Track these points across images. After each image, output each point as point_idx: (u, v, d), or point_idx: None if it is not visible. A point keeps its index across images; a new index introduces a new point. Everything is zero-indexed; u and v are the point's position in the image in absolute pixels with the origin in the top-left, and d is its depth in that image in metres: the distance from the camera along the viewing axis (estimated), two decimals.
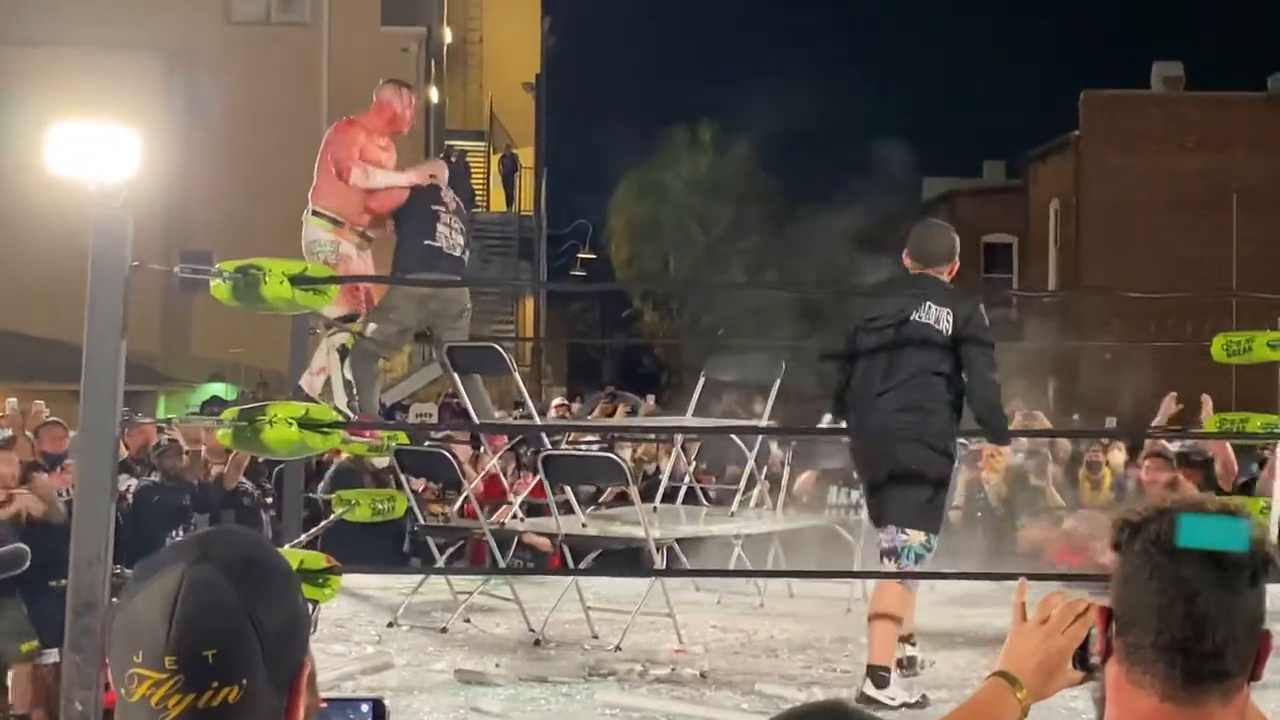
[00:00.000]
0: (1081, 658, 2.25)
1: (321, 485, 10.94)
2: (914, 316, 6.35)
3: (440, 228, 8.61)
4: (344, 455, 10.46)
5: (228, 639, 1.69)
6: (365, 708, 2.10)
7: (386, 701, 2.13)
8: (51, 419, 11.93)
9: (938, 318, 6.32)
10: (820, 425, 8.18)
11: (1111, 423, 17.82)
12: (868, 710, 1.58)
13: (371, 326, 8.52)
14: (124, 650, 1.70)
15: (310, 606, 1.86)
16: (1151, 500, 2.12)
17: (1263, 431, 8.10)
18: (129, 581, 1.77)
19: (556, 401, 16.88)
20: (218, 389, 21.57)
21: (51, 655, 8.69)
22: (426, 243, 8.54)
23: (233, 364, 23.53)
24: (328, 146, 8.79)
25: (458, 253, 8.72)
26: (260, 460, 10.49)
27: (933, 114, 69.60)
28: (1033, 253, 37.84)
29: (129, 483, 10.74)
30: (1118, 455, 12.56)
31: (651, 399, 22.86)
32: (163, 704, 1.68)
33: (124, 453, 10.76)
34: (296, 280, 5.77)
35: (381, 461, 9.58)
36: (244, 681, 1.69)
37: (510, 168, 34.04)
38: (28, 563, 8.93)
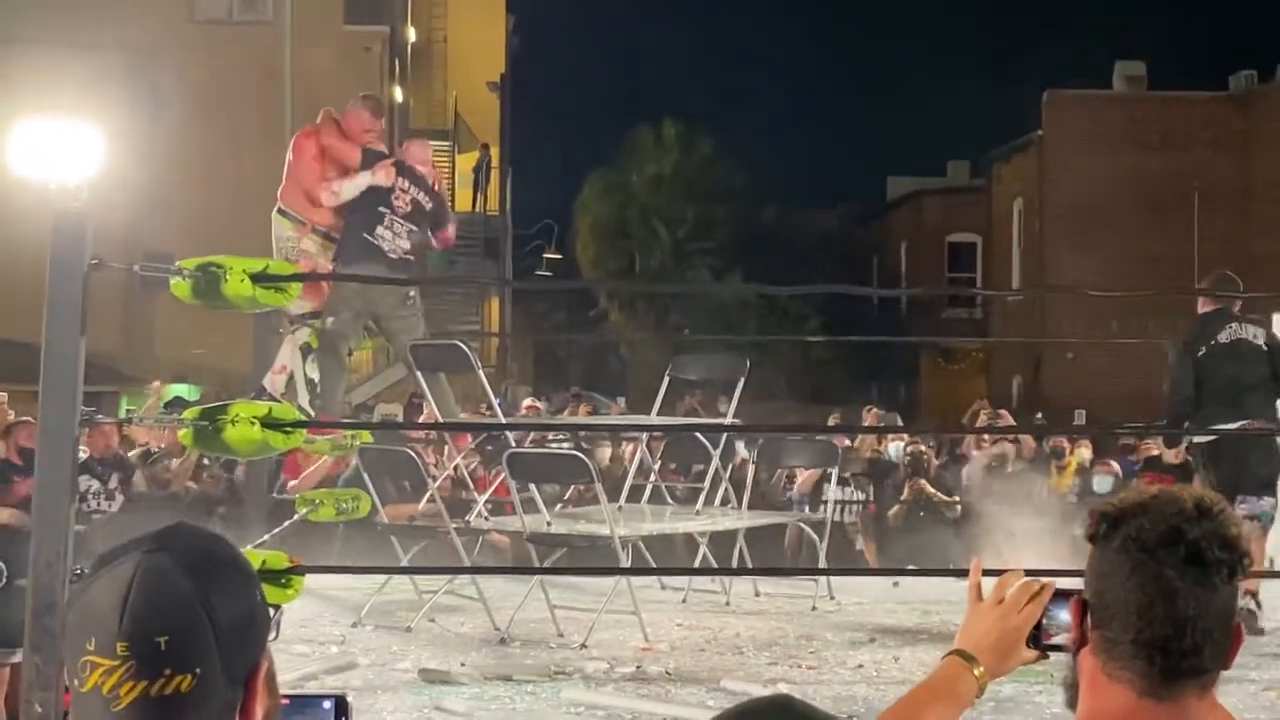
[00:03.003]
0: (1036, 637, 2.27)
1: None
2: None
3: (382, 230, 8.71)
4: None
5: (181, 626, 1.68)
6: (328, 704, 2.08)
7: (350, 698, 2.11)
8: (24, 418, 11.86)
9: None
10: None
11: (1081, 417, 17.97)
12: (815, 706, 1.58)
13: (329, 319, 8.61)
14: (78, 639, 1.69)
15: (272, 611, 1.84)
16: (1129, 494, 2.12)
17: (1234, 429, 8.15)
18: (86, 574, 1.76)
19: (527, 402, 16.86)
20: (181, 389, 21.44)
21: (14, 656, 8.62)
22: (365, 236, 8.67)
23: (196, 364, 23.42)
24: (292, 165, 8.88)
25: (397, 255, 8.78)
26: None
27: (897, 114, 69.82)
28: (996, 252, 37.99)
29: (90, 484, 10.69)
30: (1084, 452, 12.72)
31: (622, 401, 22.85)
32: (114, 692, 1.66)
33: (85, 453, 10.72)
34: (257, 278, 5.73)
35: None
36: (197, 670, 1.68)
37: (484, 163, 34.03)
38: (3, 579, 8.87)
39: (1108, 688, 2.02)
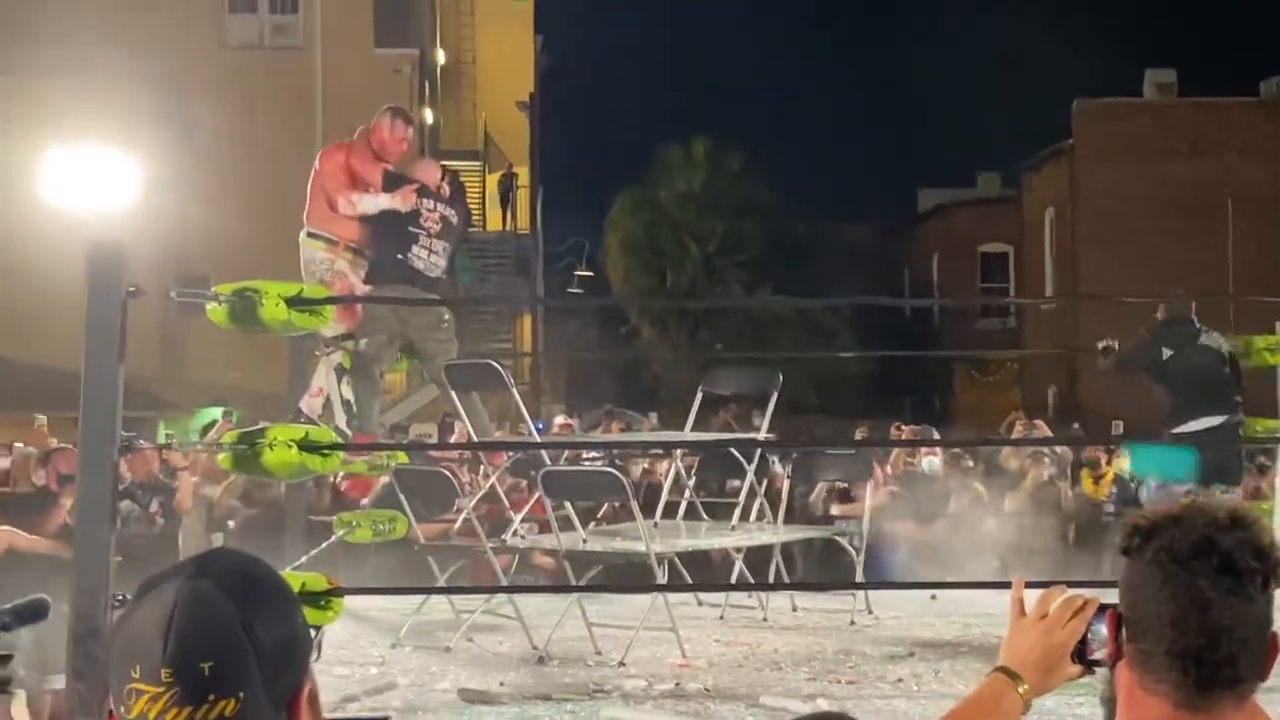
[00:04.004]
0: (1080, 652, 2.26)
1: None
2: None
3: (417, 249, 8.74)
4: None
5: (224, 651, 1.70)
6: None
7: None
8: (63, 444, 11.93)
9: None
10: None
11: (1118, 427, 17.87)
12: None
13: (363, 342, 8.65)
14: (123, 666, 1.71)
15: (313, 631, 1.85)
16: (1162, 506, 2.13)
17: (1263, 435, 8.18)
18: (130, 600, 1.78)
19: (560, 420, 16.87)
20: (217, 413, 21.54)
21: (56, 682, 8.68)
22: (399, 257, 8.68)
23: (231, 388, 23.51)
24: (318, 173, 8.93)
25: (435, 274, 8.82)
26: None
27: (926, 126, 69.64)
28: (1029, 262, 37.87)
29: (131, 509, 10.75)
30: (1123, 461, 12.64)
31: (654, 417, 22.83)
32: (160, 718, 1.68)
33: (126, 478, 10.78)
34: (292, 302, 5.79)
35: None
36: (241, 694, 1.70)
37: (507, 187, 34.11)
38: (49, 614, 8.93)
39: (1144, 701, 2.02)
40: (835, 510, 11.29)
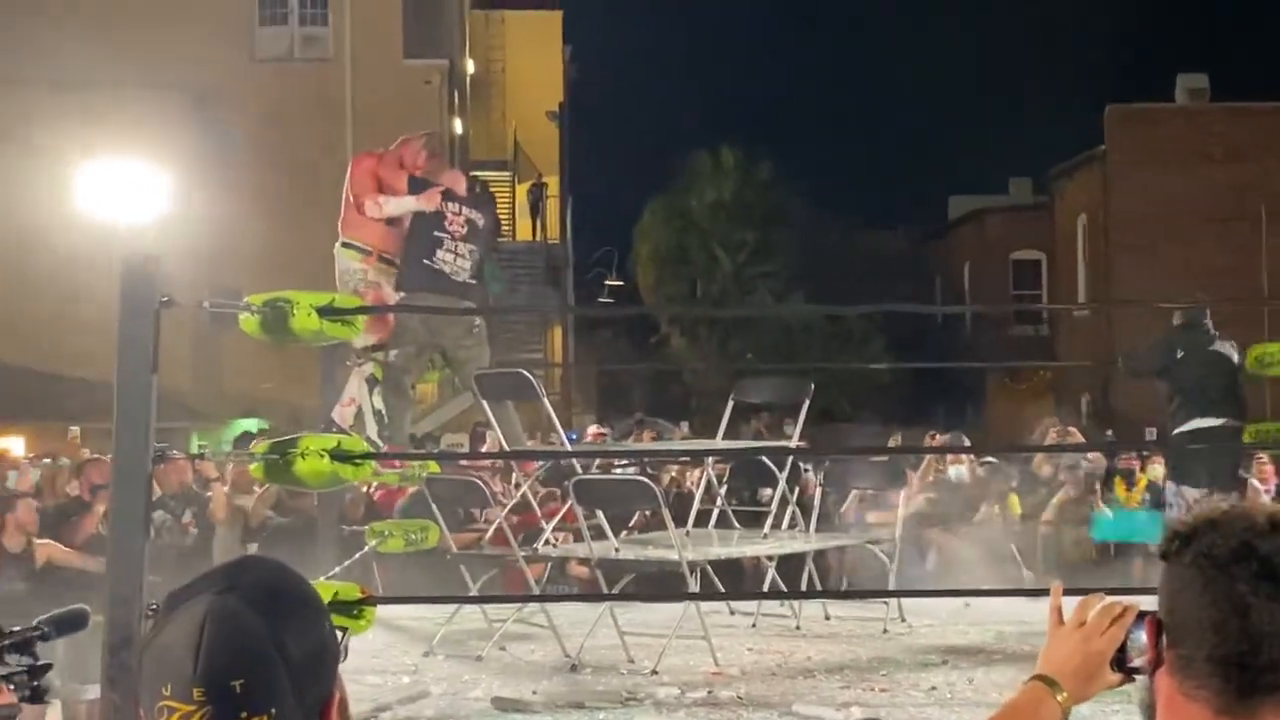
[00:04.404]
0: (1119, 660, 2.24)
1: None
2: None
3: (442, 254, 8.77)
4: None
5: (255, 669, 1.70)
6: None
7: None
8: (96, 455, 12.02)
9: None
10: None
11: (1152, 434, 17.79)
12: None
13: (393, 353, 8.67)
14: (153, 683, 1.71)
15: (340, 634, 1.85)
16: (1201, 510, 2.11)
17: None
18: (158, 614, 1.78)
19: (592, 429, 16.89)
20: (249, 424, 21.64)
21: (91, 692, 8.71)
22: (425, 262, 8.72)
23: (264, 399, 23.62)
24: (351, 179, 9.00)
25: (463, 278, 8.84)
26: None
27: (958, 133, 69.57)
28: (1062, 269, 37.72)
29: (164, 519, 10.80)
30: (1157, 468, 12.58)
31: (685, 426, 22.84)
32: None
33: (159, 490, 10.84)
34: (324, 312, 5.80)
35: None
36: (272, 711, 1.70)
37: (537, 197, 34.19)
38: (89, 623, 8.98)
39: (1185, 707, 2.00)
40: (869, 518, 11.27)
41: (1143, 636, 2.15)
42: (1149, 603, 2.15)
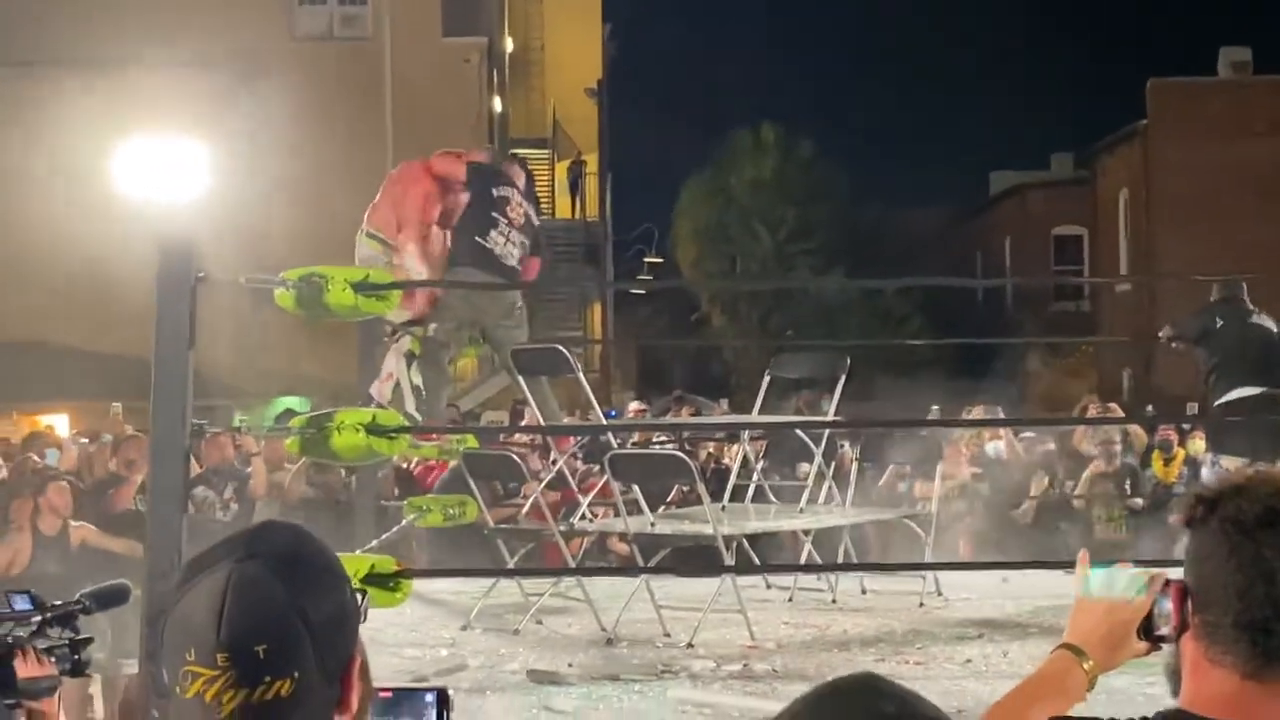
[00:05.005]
0: (1147, 629, 2.24)
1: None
2: None
3: (495, 234, 8.78)
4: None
5: (277, 633, 1.72)
6: (430, 697, 2.13)
7: (451, 691, 2.15)
8: (133, 432, 12.11)
9: None
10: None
11: (1193, 410, 17.68)
12: (903, 686, 1.60)
13: (433, 326, 8.70)
14: (177, 649, 1.73)
15: (359, 597, 1.87)
16: (1227, 477, 2.11)
17: None
18: (179, 580, 1.80)
19: (633, 406, 16.91)
20: (291, 402, 21.76)
21: (131, 666, 8.80)
22: (477, 239, 8.71)
23: (306, 377, 23.73)
24: (396, 186, 8.93)
25: (510, 263, 8.85)
26: None
27: (998, 108, 69.19)
28: (1103, 244, 37.49)
29: (206, 494, 10.88)
30: (1197, 443, 12.51)
31: (725, 403, 22.82)
32: (216, 700, 1.71)
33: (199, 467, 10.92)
34: (358, 287, 5.83)
35: None
36: (295, 675, 1.72)
37: (576, 174, 34.18)
38: (130, 598, 9.08)
39: (1210, 672, 2.00)
40: (908, 491, 11.26)
41: (1169, 605, 2.15)
42: (1177, 573, 2.15)
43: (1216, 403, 9.32)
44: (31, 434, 15.16)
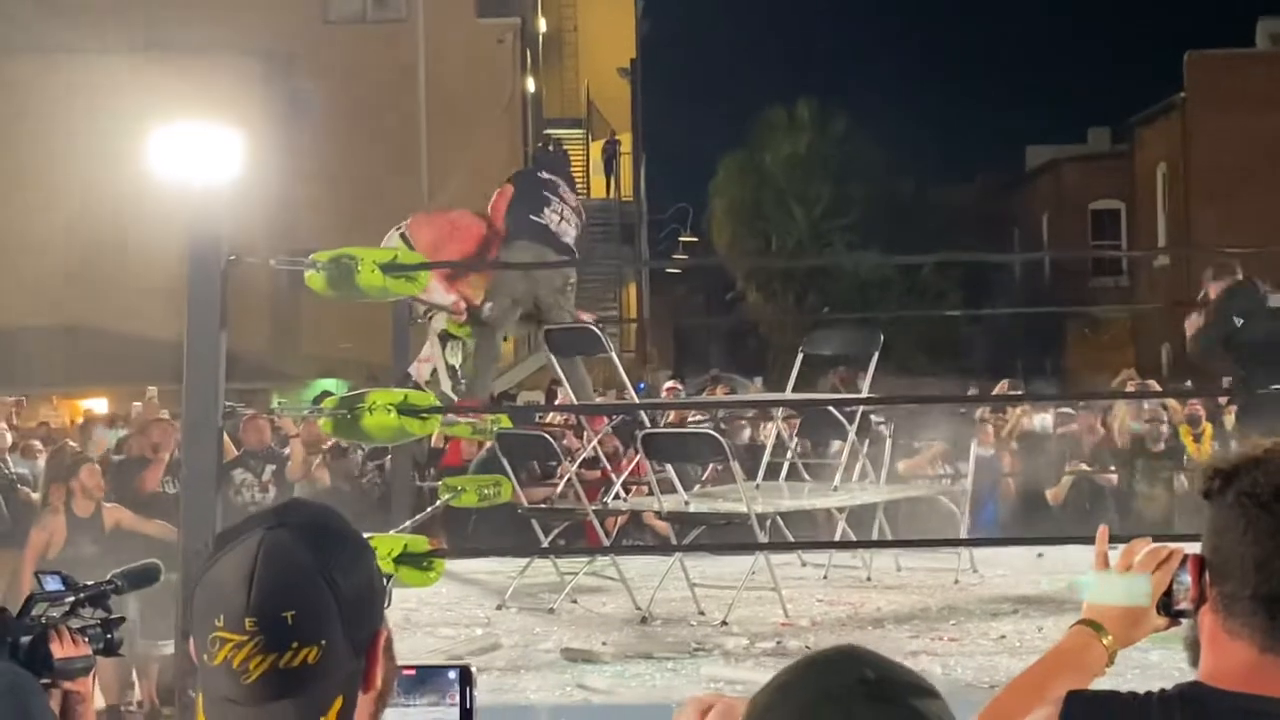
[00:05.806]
0: (1165, 604, 2.24)
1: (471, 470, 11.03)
2: None
3: (549, 212, 8.79)
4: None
5: (306, 600, 1.73)
6: (453, 674, 2.14)
7: (474, 669, 2.16)
8: (163, 415, 12.20)
9: None
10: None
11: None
12: (884, 656, 1.61)
13: (488, 305, 8.71)
14: (206, 615, 1.75)
15: (385, 580, 1.90)
16: (1244, 449, 2.10)
17: None
18: (211, 551, 1.82)
19: (668, 384, 16.93)
20: (329, 384, 21.86)
21: (165, 647, 8.87)
22: (531, 217, 8.71)
23: (343, 359, 23.84)
24: (453, 230, 8.93)
25: (566, 240, 8.87)
26: None
27: (1035, 83, 68.80)
28: (1141, 218, 37.26)
29: (244, 476, 10.96)
30: (1227, 418, 12.40)
31: (759, 381, 22.82)
32: (244, 665, 1.72)
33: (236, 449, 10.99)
34: (388, 268, 5.85)
35: None
36: (323, 642, 1.73)
37: (611, 154, 34.18)
38: (160, 578, 9.17)
39: (1228, 644, 2.00)
40: (939, 469, 11.23)
41: (1188, 580, 2.15)
42: (1197, 548, 2.15)
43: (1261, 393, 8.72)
44: (85, 420, 15.37)
